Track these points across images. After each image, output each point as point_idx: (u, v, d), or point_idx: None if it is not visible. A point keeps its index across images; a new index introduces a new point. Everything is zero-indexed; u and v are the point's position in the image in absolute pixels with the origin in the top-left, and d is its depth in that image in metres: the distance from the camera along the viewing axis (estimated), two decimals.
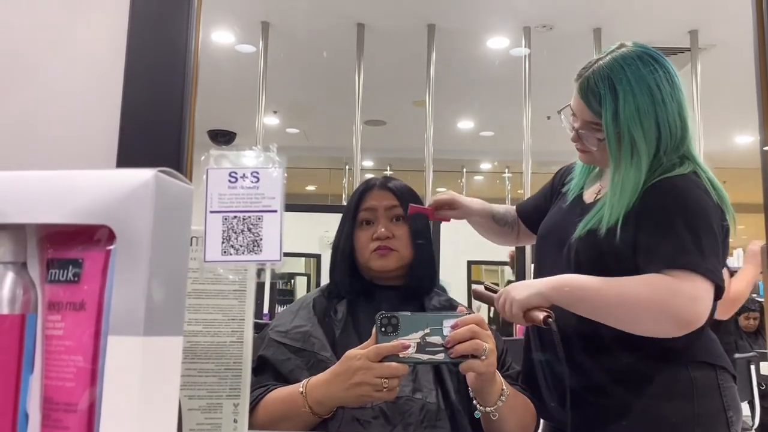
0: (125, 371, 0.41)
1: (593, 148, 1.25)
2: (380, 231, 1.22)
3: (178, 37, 0.66)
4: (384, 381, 0.93)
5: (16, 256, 0.46)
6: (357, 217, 1.26)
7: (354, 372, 0.94)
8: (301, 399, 1.01)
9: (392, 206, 1.25)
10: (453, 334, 0.94)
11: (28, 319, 0.45)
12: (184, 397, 0.70)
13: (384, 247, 1.22)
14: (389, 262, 1.22)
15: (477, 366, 0.95)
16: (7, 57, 0.77)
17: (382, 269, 1.23)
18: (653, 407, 1.14)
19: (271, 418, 1.04)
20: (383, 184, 1.28)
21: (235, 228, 0.61)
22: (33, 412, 0.44)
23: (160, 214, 0.43)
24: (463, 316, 0.96)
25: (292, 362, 1.12)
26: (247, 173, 0.61)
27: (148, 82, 0.67)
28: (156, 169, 0.43)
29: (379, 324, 0.93)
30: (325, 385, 1.00)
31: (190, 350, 0.70)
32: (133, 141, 0.66)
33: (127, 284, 0.42)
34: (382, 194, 1.26)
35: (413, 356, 0.92)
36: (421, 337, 0.93)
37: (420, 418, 1.09)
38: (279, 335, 1.17)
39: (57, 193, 0.43)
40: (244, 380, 0.71)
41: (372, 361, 0.93)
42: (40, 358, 0.45)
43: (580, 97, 1.24)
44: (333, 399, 0.99)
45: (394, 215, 1.25)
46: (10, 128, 0.74)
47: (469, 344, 0.94)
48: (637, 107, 1.16)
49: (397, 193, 1.26)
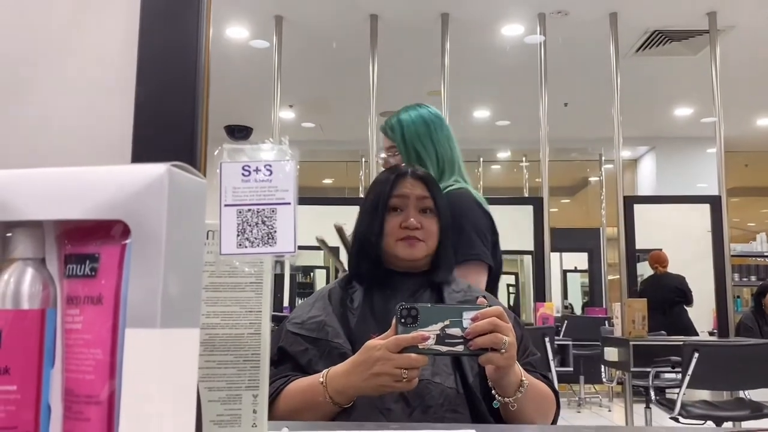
0: (143, 363, 0.41)
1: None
2: (410, 221, 1.23)
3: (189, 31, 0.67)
4: (403, 372, 0.93)
5: (34, 253, 0.47)
6: (388, 202, 1.26)
7: (374, 362, 0.95)
8: (321, 389, 1.02)
9: (423, 197, 1.25)
10: (473, 327, 0.94)
11: (48, 313, 0.46)
12: (204, 389, 0.70)
13: (412, 238, 1.23)
14: (416, 252, 1.23)
15: (497, 359, 0.95)
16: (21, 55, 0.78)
17: (409, 258, 1.23)
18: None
19: (292, 408, 1.05)
20: (414, 173, 1.28)
21: (250, 221, 0.61)
22: (55, 404, 0.45)
23: (173, 208, 0.43)
24: (483, 308, 0.96)
25: (309, 353, 1.13)
26: (260, 166, 0.61)
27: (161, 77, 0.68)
28: (169, 164, 0.44)
29: (398, 315, 0.94)
30: (344, 375, 1.00)
31: (208, 342, 0.71)
32: (147, 136, 0.67)
33: (143, 278, 0.42)
34: (415, 183, 1.27)
35: (432, 347, 0.92)
36: (440, 329, 0.93)
37: (440, 401, 1.09)
38: (295, 327, 1.18)
39: (72, 190, 0.44)
40: (262, 371, 0.72)
41: (391, 351, 0.93)
42: (61, 352, 0.45)
43: (382, 132, 1.78)
44: (353, 389, 1.00)
45: (424, 206, 1.25)
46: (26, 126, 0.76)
47: (488, 337, 0.94)
48: (417, 132, 1.71)
49: (428, 185, 1.27)
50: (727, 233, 5.33)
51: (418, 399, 1.08)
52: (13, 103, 0.76)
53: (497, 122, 7.78)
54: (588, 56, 5.76)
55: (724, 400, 4.06)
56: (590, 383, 6.89)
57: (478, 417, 1.11)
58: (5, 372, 0.44)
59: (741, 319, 5.75)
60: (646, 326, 4.33)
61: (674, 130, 8.00)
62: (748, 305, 6.50)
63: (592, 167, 9.47)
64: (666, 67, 6.25)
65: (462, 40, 5.40)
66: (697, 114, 7.36)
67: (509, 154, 9.30)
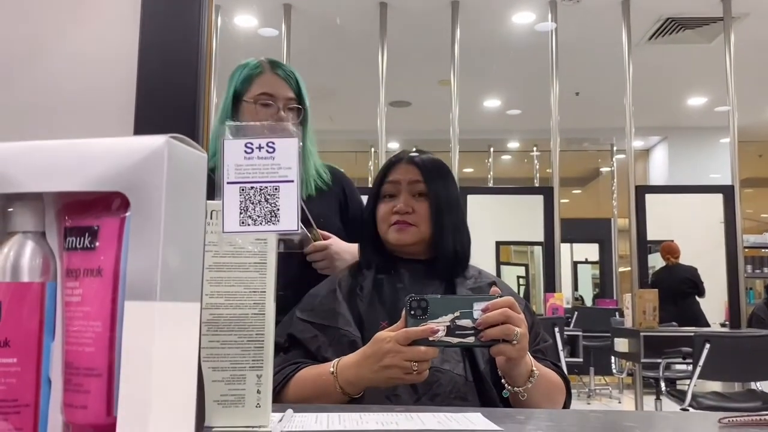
0: (141, 336, 0.41)
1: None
2: (400, 206, 1.23)
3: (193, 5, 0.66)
4: (413, 364, 0.93)
5: (35, 226, 0.47)
6: (380, 190, 1.27)
7: (383, 355, 0.95)
8: (332, 379, 1.02)
9: (415, 181, 1.25)
10: (484, 318, 0.93)
11: (48, 287, 0.46)
12: (208, 368, 0.70)
13: (402, 222, 1.22)
14: (406, 237, 1.22)
15: (508, 350, 0.95)
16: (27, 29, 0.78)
17: (399, 243, 1.23)
18: None
19: (301, 395, 1.06)
20: (410, 158, 1.28)
21: (253, 199, 0.61)
22: (55, 377, 0.45)
23: (173, 180, 0.43)
24: (494, 299, 0.95)
25: (318, 339, 1.13)
26: (263, 144, 0.61)
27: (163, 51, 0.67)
28: (168, 136, 0.43)
29: (408, 307, 0.93)
30: (355, 367, 1.00)
31: (212, 322, 0.71)
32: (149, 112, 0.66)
33: (142, 250, 0.42)
34: (407, 168, 1.26)
35: (443, 339, 0.92)
36: (450, 320, 0.92)
37: (448, 389, 1.09)
38: (305, 314, 1.18)
39: (71, 162, 0.44)
40: (266, 352, 0.72)
41: (401, 344, 0.93)
42: (61, 325, 0.45)
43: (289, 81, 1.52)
44: (363, 380, 1.00)
45: (417, 191, 1.25)
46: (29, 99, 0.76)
47: (500, 329, 0.93)
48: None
49: (422, 168, 1.26)
50: (740, 224, 5.28)
51: (426, 386, 1.08)
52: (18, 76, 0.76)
53: (508, 111, 7.74)
54: (600, 44, 5.71)
55: (735, 392, 4.03)
56: (600, 375, 6.87)
57: (488, 405, 1.10)
58: (5, 344, 0.44)
59: (753, 311, 5.70)
60: (657, 317, 4.31)
61: (687, 120, 7.92)
62: (761, 297, 6.45)
63: (604, 157, 9.41)
64: (679, 55, 6.18)
65: (472, 29, 5.37)
66: (711, 103, 7.28)
67: (519, 145, 9.26)
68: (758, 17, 5.32)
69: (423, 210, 1.24)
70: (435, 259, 1.25)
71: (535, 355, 1.09)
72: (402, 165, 1.27)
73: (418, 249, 1.25)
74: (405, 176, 1.25)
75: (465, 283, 1.24)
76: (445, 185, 1.27)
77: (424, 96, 6.98)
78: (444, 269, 1.24)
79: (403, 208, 1.23)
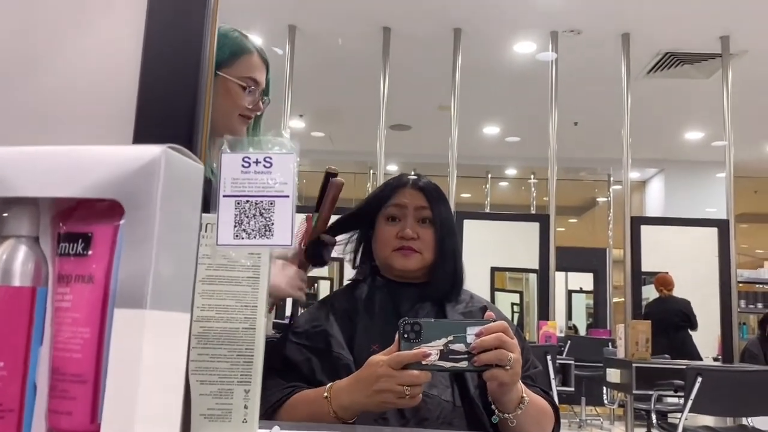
0: (130, 343, 0.41)
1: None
2: (406, 231, 1.22)
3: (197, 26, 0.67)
4: (405, 389, 0.93)
5: (29, 231, 0.47)
6: (384, 210, 1.26)
7: (376, 379, 0.94)
8: (326, 403, 1.01)
9: (422, 207, 1.25)
10: (479, 342, 0.93)
11: (39, 292, 0.46)
12: (196, 381, 0.70)
13: (408, 248, 1.22)
14: (411, 263, 1.22)
15: (501, 375, 0.94)
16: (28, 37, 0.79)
17: (403, 269, 1.22)
18: None
19: (295, 419, 1.05)
20: (416, 183, 1.28)
21: (248, 212, 0.61)
22: (41, 382, 0.45)
23: (168, 190, 0.43)
24: (487, 323, 0.95)
25: (312, 363, 1.13)
26: (260, 158, 0.61)
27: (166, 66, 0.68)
28: (165, 146, 0.44)
29: (401, 330, 0.93)
30: (348, 391, 1.00)
31: (202, 335, 0.70)
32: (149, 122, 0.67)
33: (134, 258, 0.42)
34: (414, 194, 1.26)
35: (436, 363, 0.91)
36: (444, 345, 0.92)
37: (435, 414, 1.08)
38: (297, 336, 1.18)
39: (68, 168, 0.44)
40: (255, 367, 0.71)
41: (393, 369, 0.93)
42: (49, 331, 0.45)
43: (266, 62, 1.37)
44: (356, 404, 0.99)
45: (422, 216, 1.25)
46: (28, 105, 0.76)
47: (494, 354, 0.93)
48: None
49: (427, 194, 1.26)
50: (734, 258, 5.29)
51: (413, 411, 1.07)
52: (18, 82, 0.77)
53: (507, 138, 7.79)
54: (599, 76, 5.77)
55: (726, 427, 4.01)
56: (592, 405, 6.82)
57: (476, 430, 1.09)
58: None
59: (746, 346, 5.69)
60: (650, 348, 4.30)
61: (684, 153, 7.98)
62: (755, 333, 6.44)
63: (601, 188, 9.45)
64: (677, 89, 6.25)
65: (474, 56, 5.42)
66: (708, 138, 7.34)
67: (517, 172, 9.30)
68: (756, 55, 5.39)
69: (428, 237, 1.24)
70: (429, 283, 1.25)
71: (524, 381, 1.08)
72: (408, 190, 1.26)
73: (417, 274, 1.25)
74: (412, 201, 1.25)
75: (456, 308, 1.24)
76: (447, 210, 1.28)
77: (424, 120, 7.02)
78: (438, 293, 1.24)
79: (409, 233, 1.22)
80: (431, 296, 1.24)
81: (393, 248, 1.23)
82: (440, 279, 1.24)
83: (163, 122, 0.66)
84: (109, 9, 0.71)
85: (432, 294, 1.24)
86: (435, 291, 1.24)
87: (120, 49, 0.68)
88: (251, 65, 1.29)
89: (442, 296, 1.24)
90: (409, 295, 1.24)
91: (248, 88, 1.28)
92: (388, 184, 1.30)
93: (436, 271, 1.24)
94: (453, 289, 1.26)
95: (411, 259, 1.22)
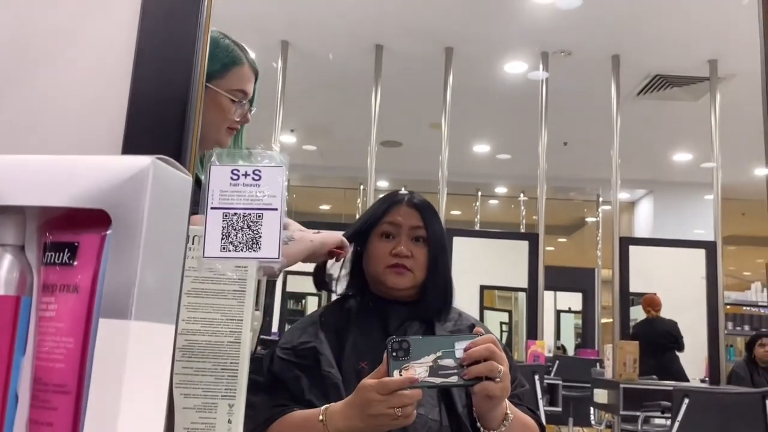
0: (113, 354, 0.41)
1: None
2: (400, 249, 1.22)
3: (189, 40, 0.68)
4: (397, 410, 0.93)
5: (14, 239, 0.47)
6: (378, 227, 1.26)
7: (368, 404, 0.94)
8: (321, 427, 1.01)
9: (417, 226, 1.25)
10: (469, 353, 0.93)
11: (23, 301, 0.45)
12: (180, 395, 0.69)
13: (401, 266, 1.22)
14: (403, 281, 1.22)
15: (491, 388, 0.94)
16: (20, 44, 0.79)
17: (395, 287, 1.22)
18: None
19: None
20: (411, 201, 1.28)
21: (235, 225, 0.61)
22: (23, 393, 0.44)
23: (156, 201, 0.43)
24: (474, 338, 0.95)
25: (301, 381, 1.12)
26: (249, 171, 0.62)
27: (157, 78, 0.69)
28: (154, 157, 0.44)
29: (390, 349, 0.92)
30: (344, 416, 1.00)
31: (187, 348, 0.70)
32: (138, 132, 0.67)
33: (120, 268, 0.42)
34: (409, 212, 1.26)
35: (426, 380, 0.91)
36: (433, 361, 0.92)
37: None
38: (285, 353, 1.17)
39: (55, 177, 0.44)
40: (240, 381, 0.71)
41: (381, 394, 0.93)
42: (33, 340, 0.45)
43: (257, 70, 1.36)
44: (353, 428, 0.99)
45: (416, 235, 1.25)
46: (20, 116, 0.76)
47: (484, 365, 0.93)
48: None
49: (423, 214, 1.26)
50: (721, 280, 5.32)
51: (400, 431, 1.07)
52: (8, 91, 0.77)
53: (497, 156, 7.83)
54: (589, 96, 5.83)
55: None
56: (579, 425, 6.80)
57: None
58: None
59: (733, 368, 5.71)
60: (637, 369, 4.30)
61: (673, 175, 8.04)
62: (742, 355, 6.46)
63: (590, 207, 9.50)
64: (666, 111, 6.32)
65: (465, 74, 5.47)
66: (696, 160, 7.41)
67: (507, 190, 9.34)
68: (744, 78, 5.47)
69: (421, 256, 1.24)
70: (419, 302, 1.25)
71: (512, 399, 1.08)
72: (403, 207, 1.27)
73: (408, 293, 1.25)
74: (407, 220, 1.25)
75: (445, 326, 1.24)
76: (440, 229, 1.28)
77: (414, 137, 7.06)
78: (428, 311, 1.24)
79: (403, 251, 1.22)
80: (421, 315, 1.24)
81: (386, 265, 1.23)
82: (431, 298, 1.24)
83: (152, 133, 0.66)
84: (101, 20, 0.72)
85: (422, 313, 1.24)
86: (425, 310, 1.24)
87: (111, 60, 0.69)
88: (242, 77, 1.28)
89: (431, 315, 1.24)
90: (398, 314, 1.23)
91: (239, 102, 1.27)
92: (383, 201, 1.30)
93: (426, 290, 1.24)
94: (443, 308, 1.26)
95: (404, 277, 1.22)
